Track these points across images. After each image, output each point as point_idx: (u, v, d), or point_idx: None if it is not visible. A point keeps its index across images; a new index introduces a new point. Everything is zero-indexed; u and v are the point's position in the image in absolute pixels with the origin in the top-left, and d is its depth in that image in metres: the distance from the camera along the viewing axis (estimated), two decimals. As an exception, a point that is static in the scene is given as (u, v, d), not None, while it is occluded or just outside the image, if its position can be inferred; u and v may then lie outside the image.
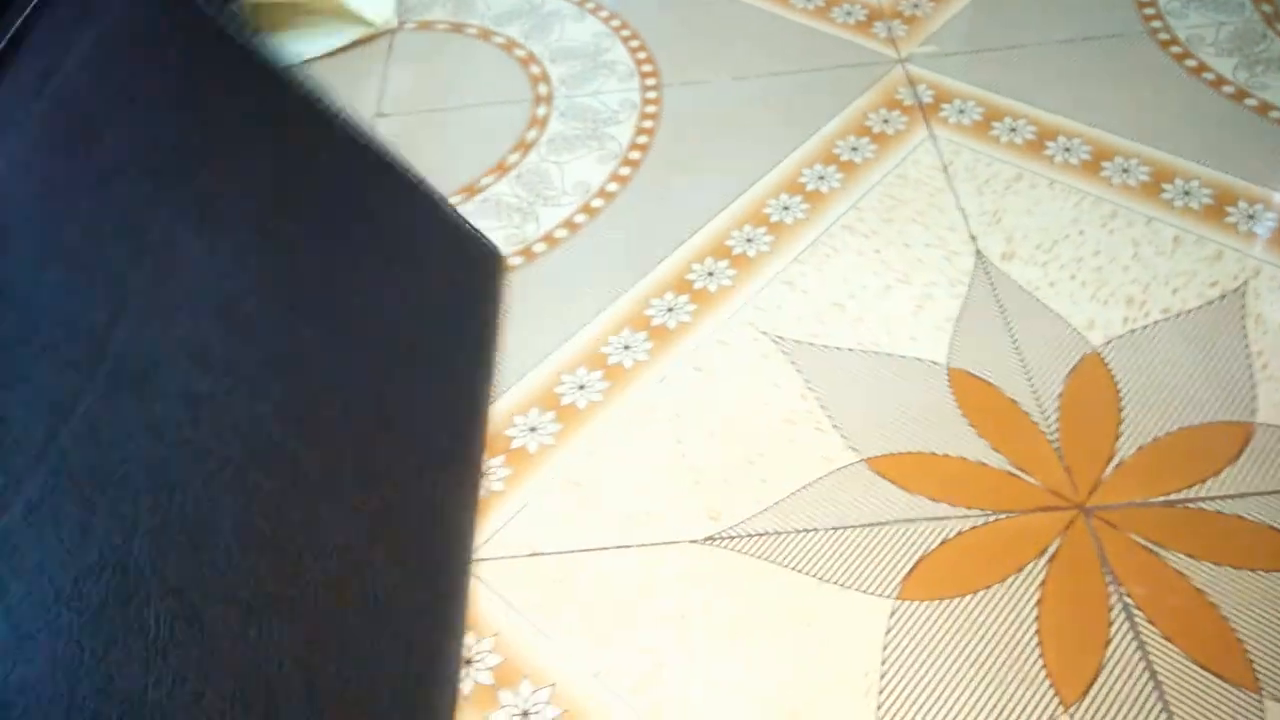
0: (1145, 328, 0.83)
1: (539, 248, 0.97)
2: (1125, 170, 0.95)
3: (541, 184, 1.05)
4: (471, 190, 1.05)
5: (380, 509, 0.61)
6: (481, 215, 1.02)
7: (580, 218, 1.00)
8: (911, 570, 0.70)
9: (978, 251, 0.91)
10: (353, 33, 1.21)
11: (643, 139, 1.06)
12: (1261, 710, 0.62)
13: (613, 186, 1.03)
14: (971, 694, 0.64)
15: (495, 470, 0.78)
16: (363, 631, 0.56)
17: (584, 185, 1.04)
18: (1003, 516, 0.73)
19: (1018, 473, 0.76)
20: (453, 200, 1.05)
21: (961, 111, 1.03)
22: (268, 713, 0.49)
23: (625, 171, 1.03)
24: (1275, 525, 0.70)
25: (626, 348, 0.85)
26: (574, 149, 1.07)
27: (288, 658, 0.50)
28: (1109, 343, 0.83)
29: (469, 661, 0.68)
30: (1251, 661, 0.64)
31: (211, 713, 0.46)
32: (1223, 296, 0.85)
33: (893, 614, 0.68)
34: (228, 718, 0.47)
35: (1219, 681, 0.64)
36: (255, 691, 0.48)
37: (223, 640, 0.47)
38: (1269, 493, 0.72)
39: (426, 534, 0.66)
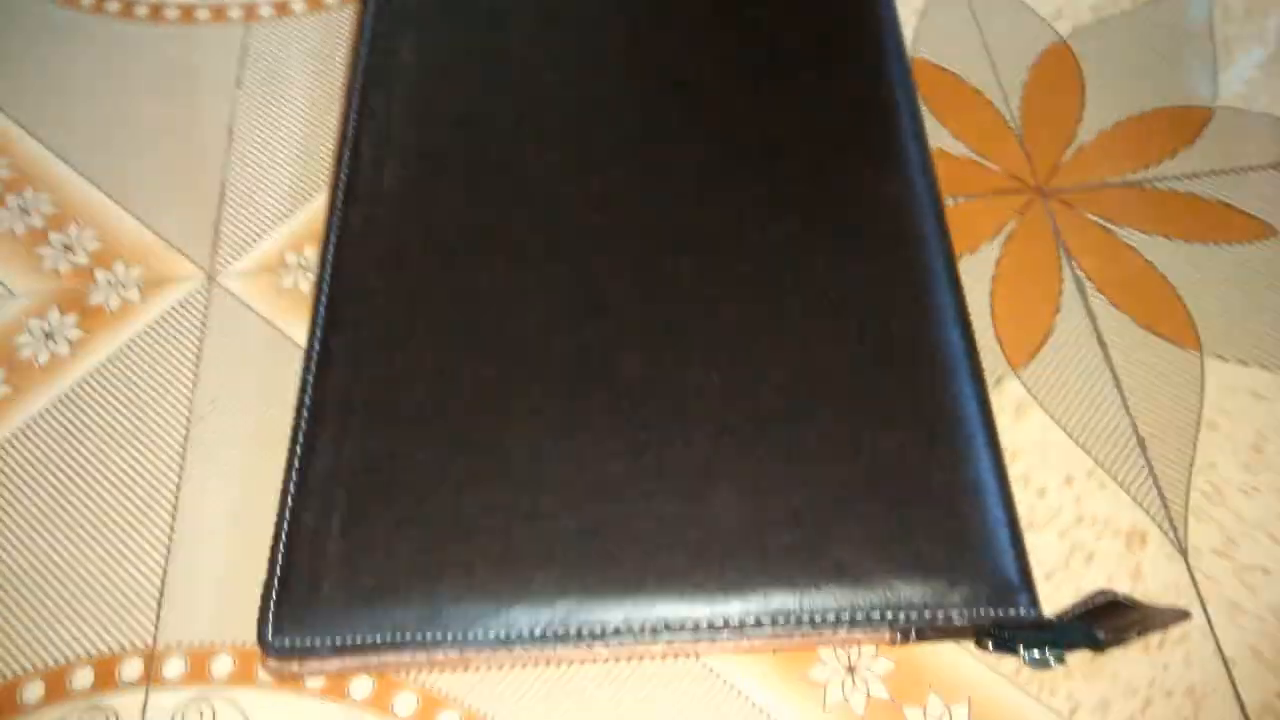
0: (1114, 16, 0.81)
1: None
2: None
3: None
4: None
5: None
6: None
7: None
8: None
9: (946, -57, 0.86)
10: None
11: None
12: (1201, 366, 0.65)
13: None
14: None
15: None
16: None
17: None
18: (962, 200, 0.73)
19: (979, 159, 0.75)
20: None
21: None
22: None
23: None
24: (1226, 200, 0.71)
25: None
26: None
27: None
28: (1075, 32, 0.80)
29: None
30: (1195, 324, 0.66)
31: None
32: (1192, -14, 0.82)
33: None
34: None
35: (1163, 342, 0.66)
36: None
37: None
38: (1223, 171, 0.73)
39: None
